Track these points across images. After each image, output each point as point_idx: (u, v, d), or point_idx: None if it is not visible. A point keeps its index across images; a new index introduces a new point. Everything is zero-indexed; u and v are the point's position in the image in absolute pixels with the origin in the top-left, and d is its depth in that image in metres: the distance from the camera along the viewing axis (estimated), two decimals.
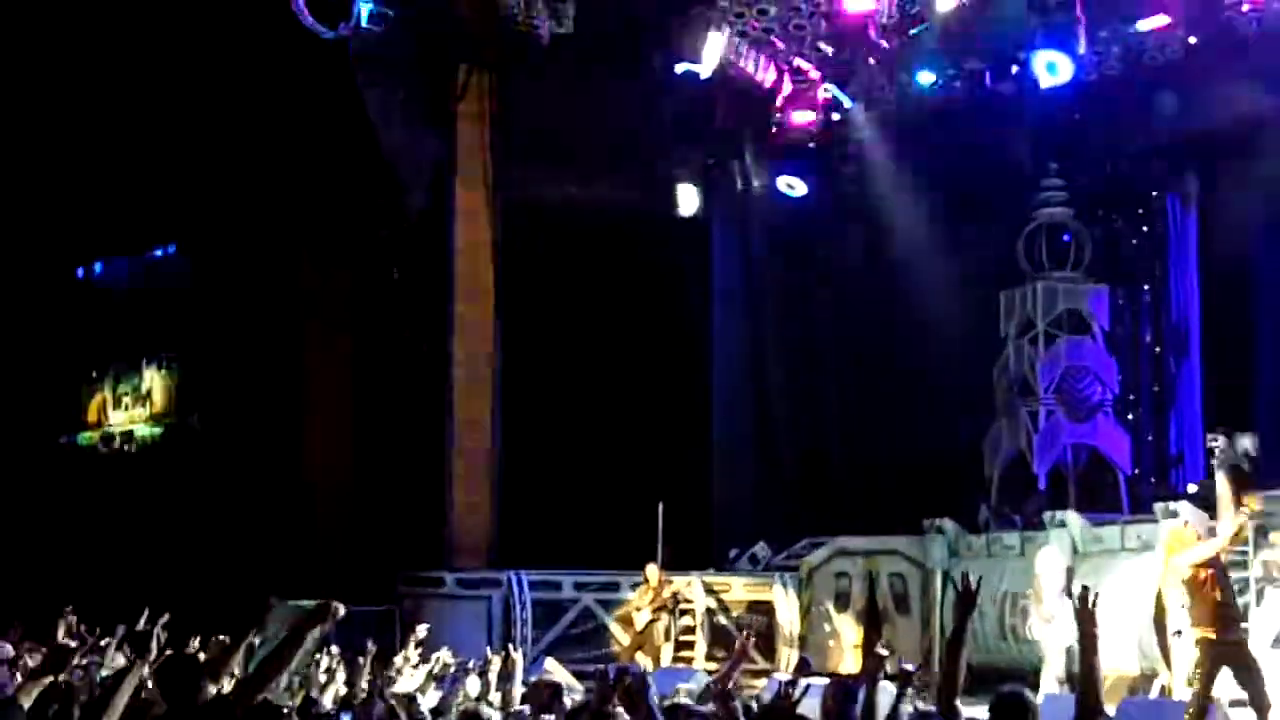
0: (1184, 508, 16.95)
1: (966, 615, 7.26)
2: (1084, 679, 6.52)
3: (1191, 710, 11.54)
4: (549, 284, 24.49)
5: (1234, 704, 12.40)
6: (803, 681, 10.21)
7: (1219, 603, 11.90)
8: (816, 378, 26.53)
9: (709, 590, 21.30)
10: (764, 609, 21.57)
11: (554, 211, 24.33)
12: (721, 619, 21.31)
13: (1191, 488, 19.78)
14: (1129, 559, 17.33)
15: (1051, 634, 16.45)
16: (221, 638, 10.89)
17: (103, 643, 9.18)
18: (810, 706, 8.70)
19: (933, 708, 7.93)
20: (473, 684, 11.80)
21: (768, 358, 27.00)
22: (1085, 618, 6.45)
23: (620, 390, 24.90)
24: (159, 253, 29.57)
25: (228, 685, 6.69)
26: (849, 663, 20.35)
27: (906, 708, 8.38)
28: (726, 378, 26.94)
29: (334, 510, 24.25)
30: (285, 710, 4.94)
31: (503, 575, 20.91)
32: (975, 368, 24.42)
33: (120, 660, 8.68)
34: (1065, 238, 24.33)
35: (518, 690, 11.07)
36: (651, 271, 25.47)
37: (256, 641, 9.40)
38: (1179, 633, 15.34)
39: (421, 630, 14.04)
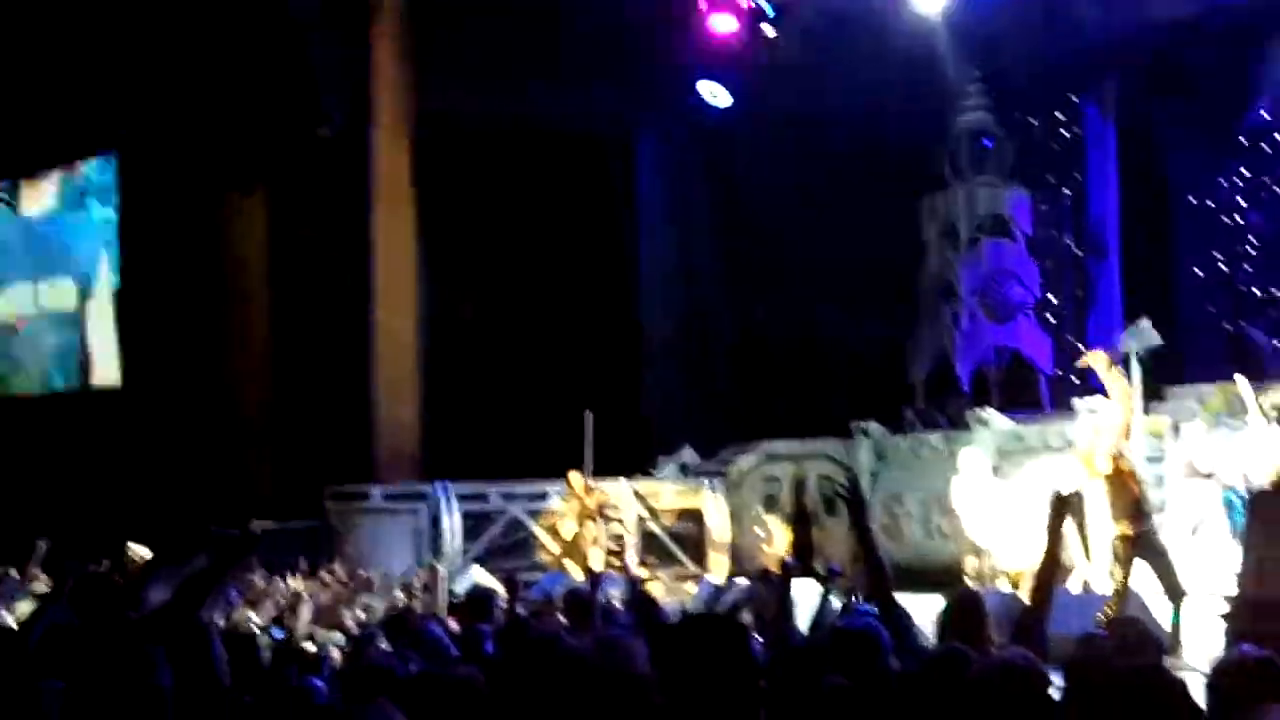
0: (1103, 405, 17.25)
1: (862, 514, 7.39)
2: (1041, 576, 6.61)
3: (1112, 602, 11.75)
4: (471, 197, 24.33)
5: (1149, 592, 12.62)
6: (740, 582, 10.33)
7: (1135, 497, 12.12)
8: (744, 284, 26.56)
9: (638, 497, 21.39)
10: (693, 515, 21.69)
11: (475, 124, 24.15)
12: (651, 526, 21.43)
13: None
14: (1050, 457, 17.58)
15: (970, 531, 16.61)
16: (139, 554, 10.85)
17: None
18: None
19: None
20: (399, 595, 11.85)
21: (695, 265, 27.02)
22: (1053, 518, 6.60)
23: (546, 299, 24.85)
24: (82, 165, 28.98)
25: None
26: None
27: (835, 606, 8.50)
28: (654, 285, 26.94)
29: (258, 428, 24.10)
30: (212, 628, 4.93)
31: (429, 488, 20.88)
32: (899, 272, 24.56)
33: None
34: (986, 142, 24.45)
35: (442, 601, 11.11)
36: (576, 181, 25.37)
37: (183, 566, 9.35)
38: (1098, 525, 15.62)
39: (347, 546, 14.05)
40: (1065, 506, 6.76)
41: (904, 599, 7.81)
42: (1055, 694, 4.93)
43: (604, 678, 5.03)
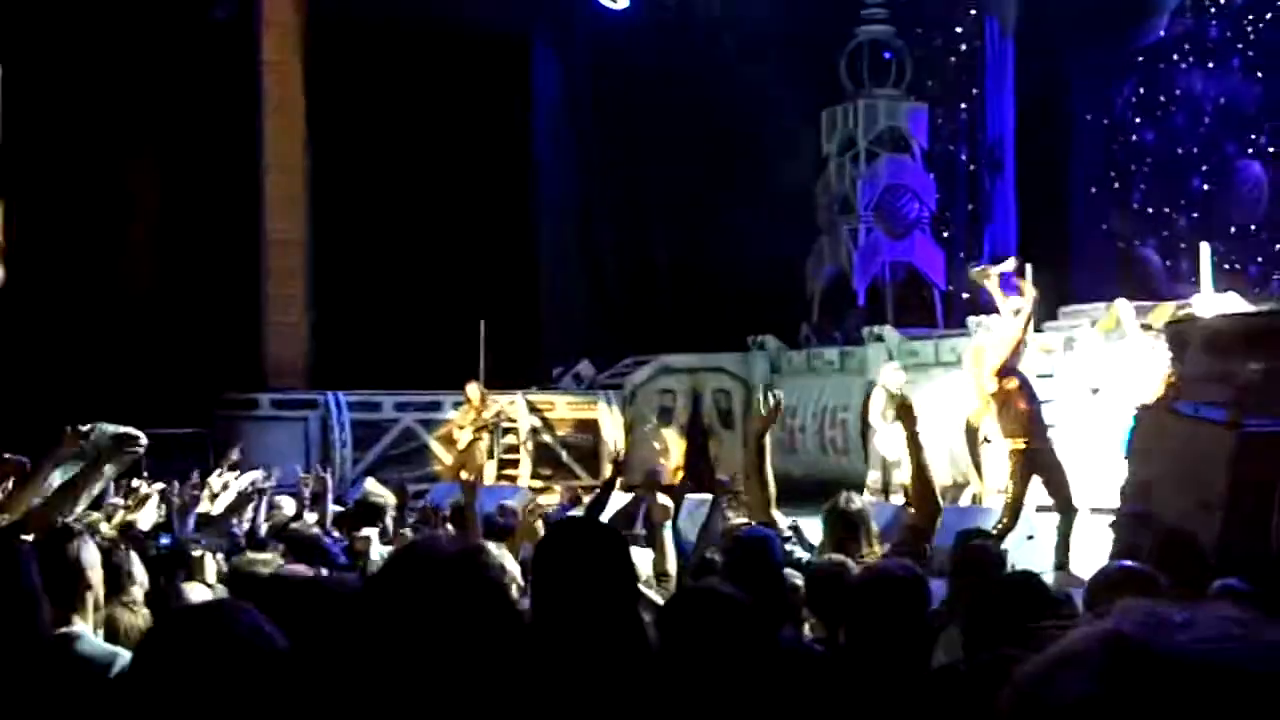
0: (993, 321, 17.34)
1: (763, 433, 7.47)
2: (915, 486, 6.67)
3: (1004, 518, 11.83)
4: (363, 101, 23.91)
5: (1040, 509, 12.73)
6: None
7: (1026, 412, 12.16)
8: (641, 195, 26.41)
9: (533, 409, 21.28)
10: (588, 427, 21.64)
11: (365, 25, 23.68)
12: (546, 437, 21.34)
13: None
14: (943, 373, 17.67)
15: (881, 445, 16.63)
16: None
17: None
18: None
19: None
20: (288, 504, 11.67)
21: (592, 176, 26.82)
22: (907, 420, 6.70)
23: (440, 207, 24.53)
24: None
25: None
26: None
27: (728, 519, 8.48)
28: (550, 195, 26.72)
29: (146, 333, 23.67)
30: (78, 530, 4.78)
31: (320, 396, 20.64)
32: (798, 185, 24.52)
33: None
34: (886, 55, 24.41)
35: (330, 510, 10.99)
36: (471, 86, 25.00)
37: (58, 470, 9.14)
38: (988, 441, 15.73)
39: (235, 454, 13.83)
40: (909, 414, 6.90)
41: (797, 514, 7.84)
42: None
43: (469, 585, 4.96)
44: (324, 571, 6.99)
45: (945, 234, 24.98)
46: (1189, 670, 1.12)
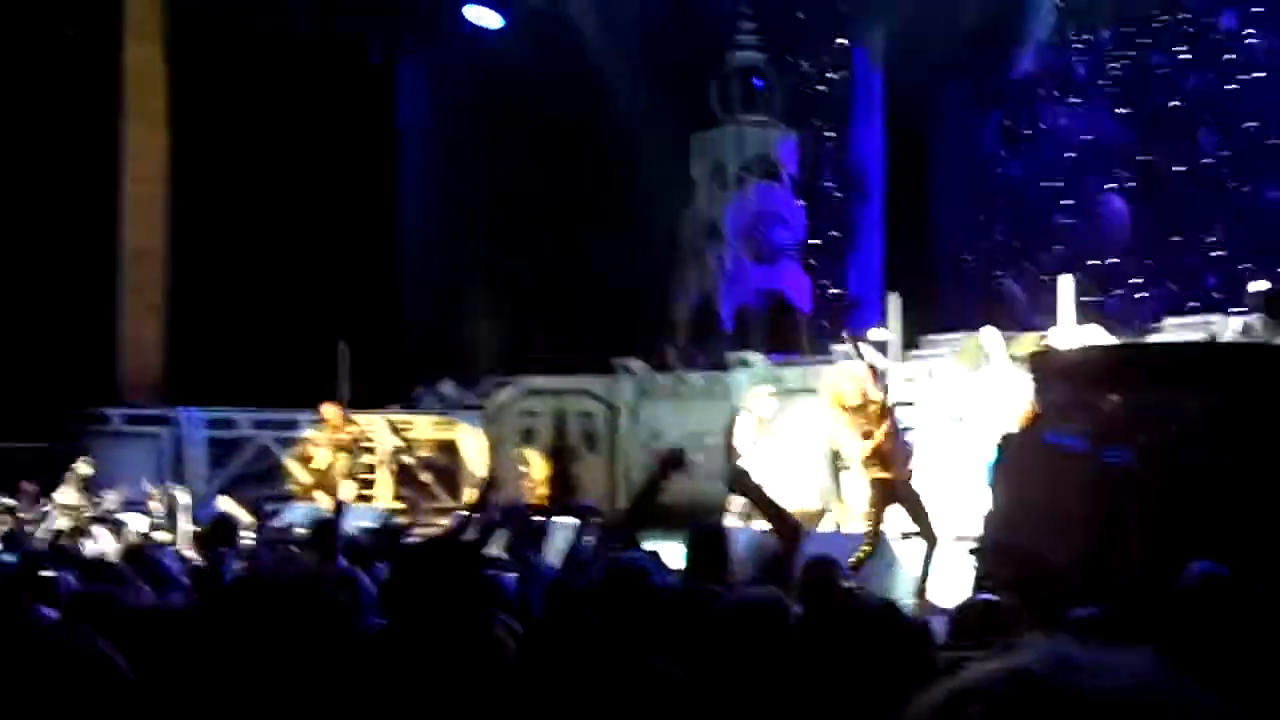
0: (865, 350, 17.40)
1: (662, 479, 7.46)
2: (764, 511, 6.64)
3: (866, 544, 11.83)
4: (226, 111, 23.53)
5: (905, 536, 12.77)
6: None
7: (888, 443, 12.14)
8: (509, 215, 26.25)
9: (393, 429, 21.03)
10: (450, 448, 21.43)
11: (231, 35, 23.33)
12: (407, 458, 21.10)
13: (873, 333, 20.24)
14: (808, 399, 17.68)
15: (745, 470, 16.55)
16: None
17: None
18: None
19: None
20: (138, 521, 11.39)
21: (459, 195, 26.61)
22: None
23: (303, 222, 24.20)
24: None
25: None
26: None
27: (590, 542, 8.38)
28: (415, 214, 26.51)
29: None
30: None
31: (174, 412, 20.22)
32: (667, 209, 24.51)
33: None
34: (757, 82, 24.48)
35: (185, 529, 10.72)
36: (336, 101, 24.74)
37: None
38: (850, 469, 15.77)
39: (83, 466, 13.45)
40: (668, 466, 7.02)
41: (659, 539, 7.75)
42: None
43: (307, 608, 4.86)
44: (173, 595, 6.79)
45: (812, 261, 25.08)
46: (1093, 711, 1.10)
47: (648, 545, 7.36)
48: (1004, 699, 1.13)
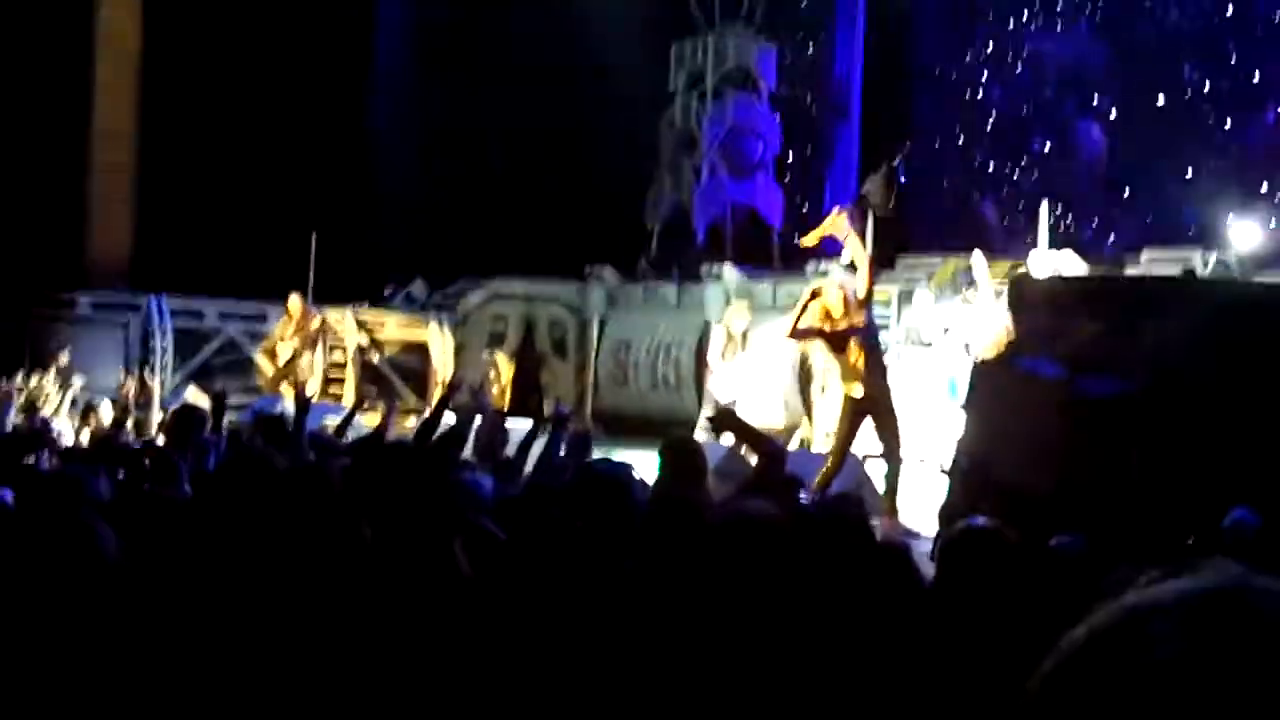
0: (834, 268, 17.39)
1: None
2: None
3: (831, 461, 11.81)
4: None
5: (868, 458, 12.78)
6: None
7: (862, 360, 12.06)
8: (483, 118, 26.02)
9: (361, 326, 20.93)
10: (418, 348, 21.35)
11: None
12: (373, 356, 21.02)
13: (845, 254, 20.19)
14: (780, 315, 17.66)
15: (714, 385, 16.57)
16: None
17: None
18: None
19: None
20: (106, 410, 11.30)
21: (434, 96, 26.36)
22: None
23: (275, 113, 23.90)
24: None
25: None
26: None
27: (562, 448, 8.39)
28: (390, 114, 26.26)
29: None
30: None
31: (141, 299, 20.02)
32: (644, 118, 24.34)
33: None
34: None
35: (155, 417, 10.64)
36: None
37: None
38: (823, 389, 15.79)
39: (64, 356, 13.33)
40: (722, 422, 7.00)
41: (628, 446, 7.72)
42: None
43: (303, 501, 4.86)
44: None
45: (787, 177, 24.99)
46: None
47: (620, 455, 7.34)
48: (1198, 620, 1.08)
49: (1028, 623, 4.02)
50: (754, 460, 7.10)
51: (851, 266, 13.27)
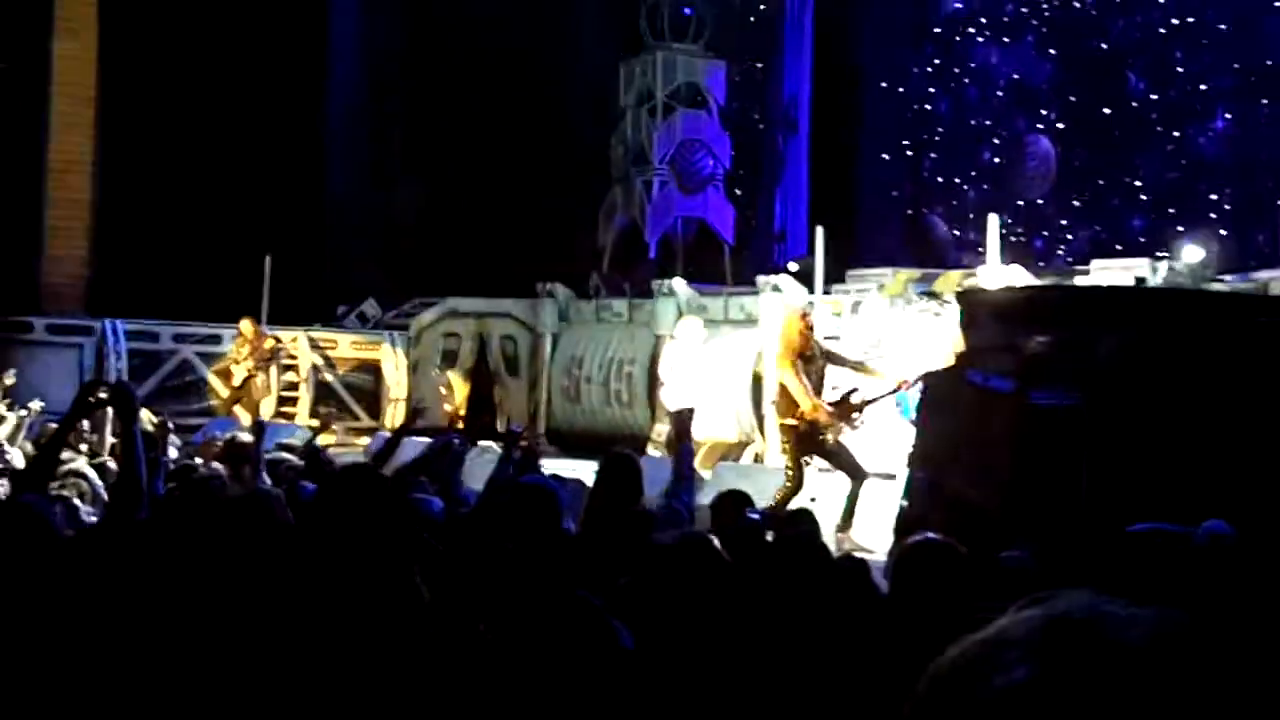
0: (785, 281, 17.47)
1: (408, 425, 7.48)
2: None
3: (788, 481, 11.80)
4: (155, 24, 23.12)
5: (824, 470, 12.79)
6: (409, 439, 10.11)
7: (806, 388, 11.99)
8: (435, 137, 26.05)
9: (314, 346, 20.90)
10: (371, 368, 21.33)
11: None
12: (327, 376, 20.99)
13: (793, 265, 20.31)
14: (731, 330, 17.74)
15: (669, 399, 16.57)
16: None
17: None
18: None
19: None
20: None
21: (386, 115, 26.37)
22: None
23: (230, 137, 23.87)
24: None
25: None
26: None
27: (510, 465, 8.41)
28: (342, 132, 26.24)
29: None
30: None
31: (97, 323, 19.95)
32: (594, 136, 24.43)
33: None
34: (686, 11, 24.39)
35: (108, 441, 10.60)
36: (266, 17, 24.36)
37: None
38: (774, 403, 15.83)
39: (9, 377, 13.24)
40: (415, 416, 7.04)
41: (580, 462, 7.76)
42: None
43: (255, 527, 4.90)
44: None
45: (738, 192, 25.10)
46: (1137, 658, 1.10)
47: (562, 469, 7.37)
48: (1045, 647, 1.12)
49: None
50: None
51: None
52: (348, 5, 26.37)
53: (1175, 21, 23.25)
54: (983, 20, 25.17)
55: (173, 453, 10.08)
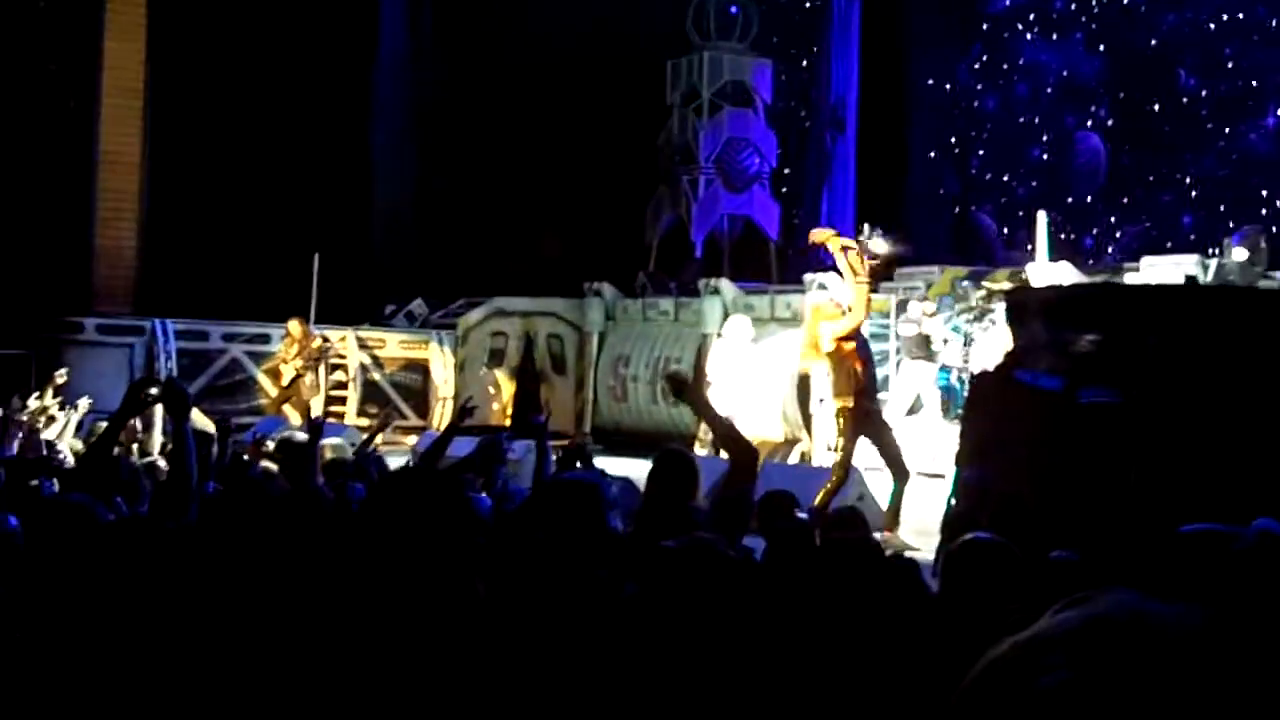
0: (831, 280, 17.42)
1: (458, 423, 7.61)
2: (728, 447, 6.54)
3: (834, 476, 11.80)
4: (205, 23, 23.26)
5: (870, 469, 12.77)
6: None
7: (859, 373, 12.07)
8: (482, 136, 26.11)
9: (363, 345, 20.98)
10: (419, 367, 21.39)
11: None
12: (375, 375, 21.06)
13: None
14: (777, 328, 17.73)
15: (718, 398, 16.58)
16: None
17: None
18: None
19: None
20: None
21: (434, 114, 26.44)
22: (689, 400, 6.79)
23: (280, 135, 23.99)
24: None
25: None
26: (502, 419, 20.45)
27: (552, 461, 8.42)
28: (390, 132, 26.31)
29: None
30: None
31: (146, 323, 20.09)
32: (641, 135, 24.45)
33: None
34: (733, 10, 24.39)
35: (157, 439, 10.67)
36: (316, 18, 24.48)
37: None
38: (821, 401, 15.81)
39: (60, 375, 13.34)
40: (680, 385, 6.91)
41: (627, 461, 7.74)
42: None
43: (314, 525, 4.90)
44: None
45: (784, 190, 25.07)
46: (1176, 655, 1.13)
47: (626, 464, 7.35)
48: (1085, 648, 1.14)
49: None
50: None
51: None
52: (397, 6, 26.46)
53: (1225, 17, 23.08)
54: (1031, 17, 25.06)
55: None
